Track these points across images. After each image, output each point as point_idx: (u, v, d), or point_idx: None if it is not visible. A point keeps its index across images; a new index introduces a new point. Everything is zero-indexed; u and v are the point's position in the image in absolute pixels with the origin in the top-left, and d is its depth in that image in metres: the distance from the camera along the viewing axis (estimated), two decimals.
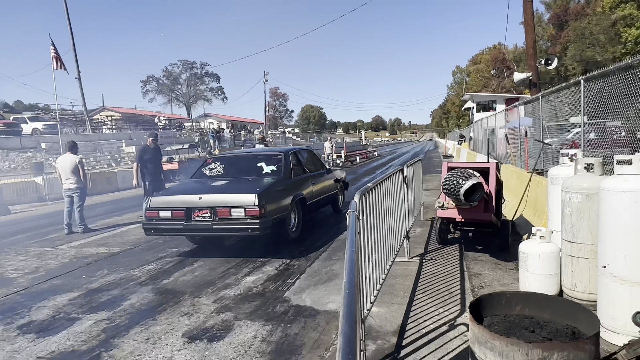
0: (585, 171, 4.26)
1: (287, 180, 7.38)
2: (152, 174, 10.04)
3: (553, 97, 10.48)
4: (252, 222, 6.08)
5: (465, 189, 5.15)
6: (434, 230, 7.13)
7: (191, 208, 6.42)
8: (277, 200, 6.65)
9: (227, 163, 8.14)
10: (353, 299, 1.24)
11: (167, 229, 6.75)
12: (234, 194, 6.44)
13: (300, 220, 7.51)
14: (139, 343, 3.97)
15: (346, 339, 0.99)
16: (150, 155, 10.13)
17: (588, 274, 4.15)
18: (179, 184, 7.70)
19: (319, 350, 3.66)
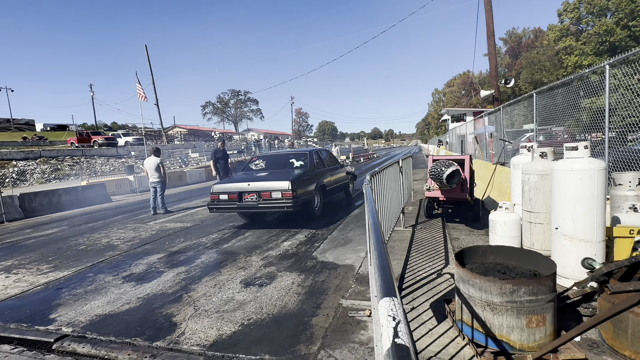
0: (540, 158, 4.16)
1: (312, 171, 7.45)
2: (223, 168, 10.48)
3: (510, 110, 10.27)
4: (287, 201, 6.28)
5: (447, 174, 5.08)
6: (422, 208, 7.06)
7: (242, 192, 6.65)
8: (305, 186, 6.75)
9: (267, 160, 8.27)
10: (380, 236, 1.23)
11: (225, 207, 6.87)
12: (273, 181, 6.53)
13: (321, 202, 7.60)
14: (209, 288, 4.05)
15: (375, 233, 1.00)
16: (221, 155, 10.58)
17: (543, 236, 4.06)
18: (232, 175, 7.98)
19: (340, 292, 3.68)
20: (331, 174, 8.46)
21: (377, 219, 1.68)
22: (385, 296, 0.65)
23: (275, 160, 8.24)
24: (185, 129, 54.76)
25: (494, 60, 13.11)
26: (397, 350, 0.49)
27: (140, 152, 28.00)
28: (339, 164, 9.62)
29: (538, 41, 50.56)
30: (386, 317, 0.58)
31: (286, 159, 8.06)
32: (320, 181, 7.58)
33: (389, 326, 0.54)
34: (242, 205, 6.64)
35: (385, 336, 0.54)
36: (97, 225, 8.55)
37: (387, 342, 0.52)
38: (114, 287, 4.27)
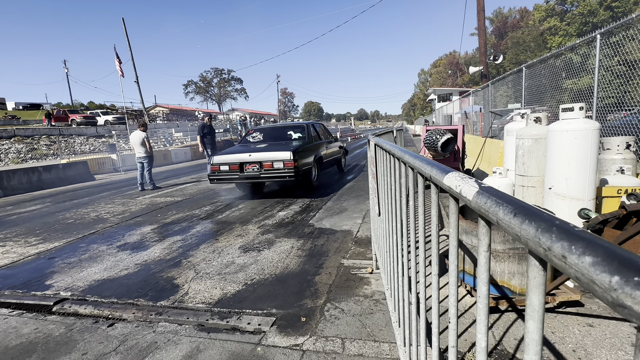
0: (534, 123, 4.25)
1: (310, 143, 7.51)
2: (211, 143, 10.48)
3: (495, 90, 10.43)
4: (289, 171, 6.36)
5: (442, 142, 5.14)
6: None
7: (244, 163, 6.67)
8: (304, 157, 6.86)
9: (265, 132, 8.30)
10: (411, 152, 1.23)
11: (226, 178, 6.87)
12: (274, 152, 6.57)
13: (318, 173, 7.73)
14: (207, 253, 4.05)
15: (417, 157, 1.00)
16: (208, 131, 10.53)
17: (535, 199, 4.19)
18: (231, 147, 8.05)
19: (341, 253, 3.74)
20: (327, 147, 8.56)
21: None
22: (448, 172, 0.66)
23: (273, 132, 8.24)
24: (168, 108, 53.15)
25: (484, 36, 13.11)
26: (486, 189, 0.50)
27: (122, 131, 27.13)
28: (332, 137, 9.68)
29: (523, 21, 50.77)
30: (461, 179, 0.59)
31: (284, 132, 8.12)
32: (318, 153, 7.70)
33: (469, 181, 0.56)
34: (243, 175, 6.68)
35: (469, 187, 0.55)
36: (83, 202, 8.33)
37: (474, 189, 0.53)
38: (110, 256, 4.21)
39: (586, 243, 0.28)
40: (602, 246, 0.26)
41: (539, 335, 0.39)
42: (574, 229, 0.31)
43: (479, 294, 0.67)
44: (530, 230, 0.36)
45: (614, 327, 2.16)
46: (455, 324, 0.86)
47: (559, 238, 0.31)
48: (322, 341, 2.23)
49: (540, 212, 0.39)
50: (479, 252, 0.66)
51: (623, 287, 0.24)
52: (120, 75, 22.86)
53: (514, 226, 0.40)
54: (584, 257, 0.27)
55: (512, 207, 0.42)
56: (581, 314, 2.32)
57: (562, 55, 6.79)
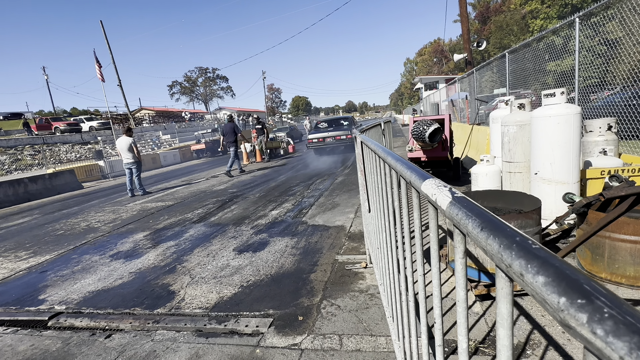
0: (518, 109, 4.31)
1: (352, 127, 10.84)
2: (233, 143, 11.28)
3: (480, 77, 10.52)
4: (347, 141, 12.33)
5: (429, 132, 5.18)
6: None
7: (325, 137, 12.86)
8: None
9: (327, 122, 14.59)
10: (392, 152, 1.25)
11: (317, 145, 12.99)
12: (340, 131, 12.92)
13: None
14: (202, 257, 4.04)
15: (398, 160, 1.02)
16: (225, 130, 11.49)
17: (522, 184, 4.27)
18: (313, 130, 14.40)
19: (335, 249, 3.77)
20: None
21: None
22: (426, 179, 0.68)
23: (332, 121, 14.67)
24: (153, 110, 52.30)
25: (466, 23, 13.15)
26: (459, 199, 0.52)
27: (108, 137, 26.69)
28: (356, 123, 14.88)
29: (505, 5, 51.00)
30: (437, 187, 0.61)
31: (338, 121, 14.70)
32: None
33: (444, 190, 0.57)
34: (324, 143, 12.90)
35: (443, 196, 0.57)
36: (72, 211, 8.21)
37: (447, 198, 0.55)
38: (103, 266, 4.18)
39: (541, 262, 0.29)
40: (554, 266, 0.28)
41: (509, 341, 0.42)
42: (531, 246, 0.33)
43: (458, 298, 0.69)
44: (495, 246, 0.38)
45: None
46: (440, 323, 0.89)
47: (517, 256, 0.33)
48: (319, 339, 2.26)
49: (504, 227, 0.41)
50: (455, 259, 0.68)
51: (569, 308, 0.25)
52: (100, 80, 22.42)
53: (480, 240, 0.42)
54: (538, 276, 0.29)
55: (480, 220, 0.44)
56: None
57: (545, 38, 6.88)
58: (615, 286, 2.42)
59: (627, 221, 2.33)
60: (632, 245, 2.32)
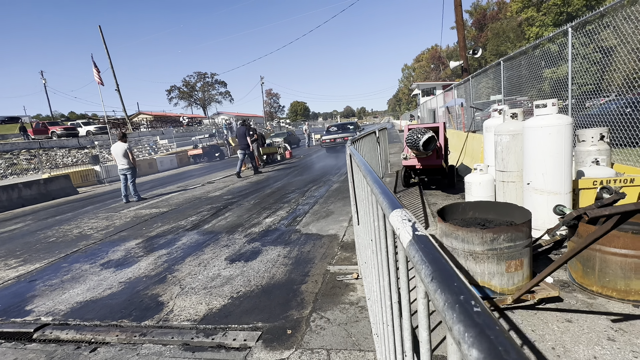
0: (511, 119, 4.31)
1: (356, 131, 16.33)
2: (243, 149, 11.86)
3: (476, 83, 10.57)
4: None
5: (423, 141, 5.17)
6: (400, 177, 7.21)
7: (335, 138, 16.51)
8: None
9: (337, 126, 18.74)
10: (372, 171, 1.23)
11: (328, 144, 16.84)
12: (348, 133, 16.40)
13: None
14: (193, 267, 4.00)
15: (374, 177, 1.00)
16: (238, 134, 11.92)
17: (515, 193, 4.26)
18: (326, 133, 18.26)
19: (327, 259, 3.74)
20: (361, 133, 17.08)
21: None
22: (394, 209, 0.66)
23: (341, 126, 18.69)
24: (151, 115, 52.28)
25: (462, 31, 13.25)
26: (419, 239, 0.50)
27: (104, 141, 26.62)
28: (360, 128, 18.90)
29: (502, 13, 51.54)
30: (401, 221, 0.59)
31: (346, 126, 18.44)
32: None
33: (407, 225, 0.55)
34: (333, 144, 16.64)
35: (405, 232, 0.55)
36: (66, 217, 8.14)
37: (408, 236, 0.53)
38: (93, 275, 4.12)
39: (477, 332, 0.27)
40: (489, 340, 0.26)
41: None
42: (472, 309, 0.31)
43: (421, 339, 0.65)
44: (440, 302, 0.36)
45: (591, 321, 2.21)
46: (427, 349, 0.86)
47: (458, 320, 0.31)
48: (307, 354, 2.23)
49: (452, 281, 0.38)
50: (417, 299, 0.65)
51: None
52: (99, 84, 22.43)
53: (430, 290, 0.40)
54: (472, 349, 0.27)
55: (432, 269, 0.42)
56: (560, 309, 2.37)
57: (540, 46, 6.91)
58: (607, 300, 2.40)
59: (617, 234, 2.31)
60: (622, 259, 2.31)
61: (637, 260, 2.25)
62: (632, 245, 2.25)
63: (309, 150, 22.74)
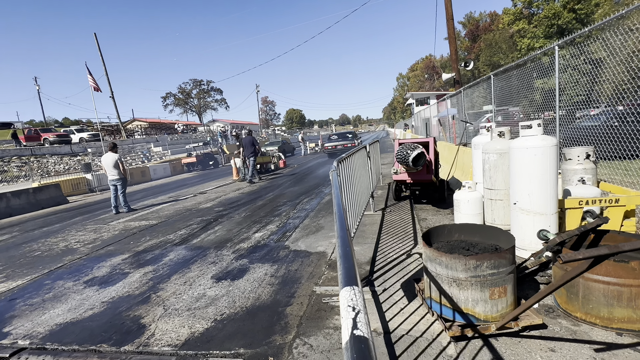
0: (498, 137, 4.34)
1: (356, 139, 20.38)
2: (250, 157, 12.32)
3: (470, 92, 10.66)
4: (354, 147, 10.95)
5: (412, 157, 5.18)
6: (391, 191, 7.21)
7: (337, 145, 19.70)
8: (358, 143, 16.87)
9: (337, 135, 21.20)
10: (344, 223, 1.22)
11: (331, 151, 19.70)
12: (348, 141, 19.75)
13: None
14: (178, 286, 3.93)
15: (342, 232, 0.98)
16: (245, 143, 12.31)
17: (503, 211, 4.27)
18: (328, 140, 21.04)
19: (313, 279, 3.70)
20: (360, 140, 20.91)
21: (343, 206, 1.67)
22: (346, 285, 0.63)
23: (341, 134, 21.39)
24: (146, 122, 52.05)
25: (454, 44, 13.43)
26: (355, 343, 0.48)
27: (98, 149, 26.42)
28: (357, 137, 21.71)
29: (494, 24, 52.44)
30: (346, 307, 0.56)
31: (345, 134, 21.21)
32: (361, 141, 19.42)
33: (348, 317, 0.53)
34: (336, 149, 19.21)
35: (345, 328, 0.52)
36: (53, 229, 8.01)
37: (346, 334, 0.50)
38: (75, 293, 4.03)
39: None
40: None
41: None
42: None
43: None
44: None
45: (574, 350, 2.19)
46: None
47: None
48: None
49: None
50: None
51: None
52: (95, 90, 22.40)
53: None
54: None
55: None
56: (544, 337, 2.34)
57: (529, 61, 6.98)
58: (590, 327, 2.38)
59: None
60: (605, 286, 2.30)
61: (619, 288, 2.24)
62: (614, 273, 2.25)
63: (304, 159, 22.75)
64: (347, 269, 0.71)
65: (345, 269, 0.73)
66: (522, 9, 41.10)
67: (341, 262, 0.80)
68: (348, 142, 19.81)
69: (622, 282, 2.23)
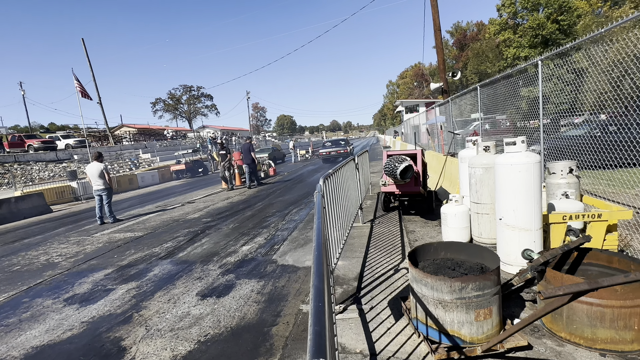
0: (484, 152, 4.38)
1: (348, 146, 22.55)
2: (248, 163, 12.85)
3: (458, 100, 10.81)
4: (346, 154, 20.52)
5: (400, 170, 5.20)
6: (380, 202, 7.21)
7: (331, 151, 21.73)
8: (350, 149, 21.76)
9: (331, 142, 23.89)
10: (321, 259, 1.19)
11: (325, 156, 21.91)
12: (340, 148, 21.86)
13: None
14: (162, 304, 3.83)
15: (316, 291, 0.95)
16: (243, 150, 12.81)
17: (489, 225, 4.30)
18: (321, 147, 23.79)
19: (300, 297, 3.64)
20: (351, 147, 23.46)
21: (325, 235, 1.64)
22: (313, 359, 0.60)
23: (334, 142, 23.84)
24: (135, 128, 51.40)
25: (442, 54, 13.63)
26: None
27: (84, 155, 25.93)
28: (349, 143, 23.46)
29: (481, 34, 53.57)
30: None
31: (338, 141, 23.62)
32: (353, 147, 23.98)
33: None
34: (330, 156, 21.57)
35: None
36: (35, 241, 7.77)
37: None
38: (54, 312, 3.90)
39: None
40: None
41: None
42: None
43: None
44: None
45: None
46: None
47: None
48: None
49: None
50: None
51: None
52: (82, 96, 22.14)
53: None
54: None
55: None
56: (529, 358, 2.34)
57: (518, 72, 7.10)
58: (575, 347, 2.39)
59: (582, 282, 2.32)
60: (588, 307, 2.31)
61: (602, 309, 2.26)
62: (596, 294, 2.26)
63: (294, 167, 22.70)
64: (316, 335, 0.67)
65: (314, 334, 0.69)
66: (508, 19, 42.06)
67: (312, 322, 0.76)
68: (341, 149, 21.97)
69: (605, 304, 2.24)
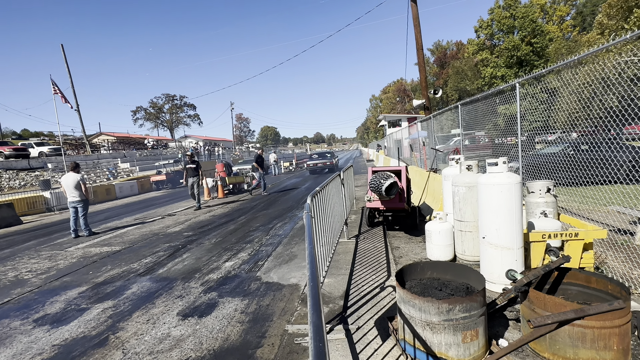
0: (467, 170, 4.50)
1: (334, 158, 23.88)
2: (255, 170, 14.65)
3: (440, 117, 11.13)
4: (332, 166, 22.84)
5: (385, 187, 5.25)
6: (365, 217, 7.25)
7: (317, 163, 23.11)
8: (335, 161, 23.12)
9: (318, 154, 25.57)
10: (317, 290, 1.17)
11: (312, 168, 23.01)
12: (326, 160, 23.27)
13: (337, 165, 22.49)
14: (140, 324, 3.67)
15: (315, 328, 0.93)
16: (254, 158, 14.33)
17: (472, 243, 4.38)
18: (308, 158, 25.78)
19: (286, 316, 3.57)
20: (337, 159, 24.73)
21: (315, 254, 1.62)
22: None
23: (320, 154, 25.52)
24: (114, 136, 50.10)
25: (424, 72, 14.06)
26: None
27: (59, 164, 24.98)
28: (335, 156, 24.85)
29: (460, 53, 55.75)
30: None
31: (325, 153, 25.34)
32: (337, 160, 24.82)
33: None
34: (317, 167, 22.94)
35: None
36: (2, 255, 7.35)
37: None
38: (23, 335, 3.66)
39: None
40: None
41: None
42: None
43: None
44: None
45: None
46: None
47: None
48: None
49: None
50: None
51: None
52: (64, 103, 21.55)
53: None
54: None
55: None
56: None
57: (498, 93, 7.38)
58: None
59: (564, 304, 2.38)
60: (570, 328, 2.37)
61: (583, 329, 2.31)
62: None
63: (276, 179, 22.59)
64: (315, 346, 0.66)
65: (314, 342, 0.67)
66: (485, 40, 43.94)
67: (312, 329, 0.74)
68: (327, 161, 23.32)
69: (586, 324, 2.30)
